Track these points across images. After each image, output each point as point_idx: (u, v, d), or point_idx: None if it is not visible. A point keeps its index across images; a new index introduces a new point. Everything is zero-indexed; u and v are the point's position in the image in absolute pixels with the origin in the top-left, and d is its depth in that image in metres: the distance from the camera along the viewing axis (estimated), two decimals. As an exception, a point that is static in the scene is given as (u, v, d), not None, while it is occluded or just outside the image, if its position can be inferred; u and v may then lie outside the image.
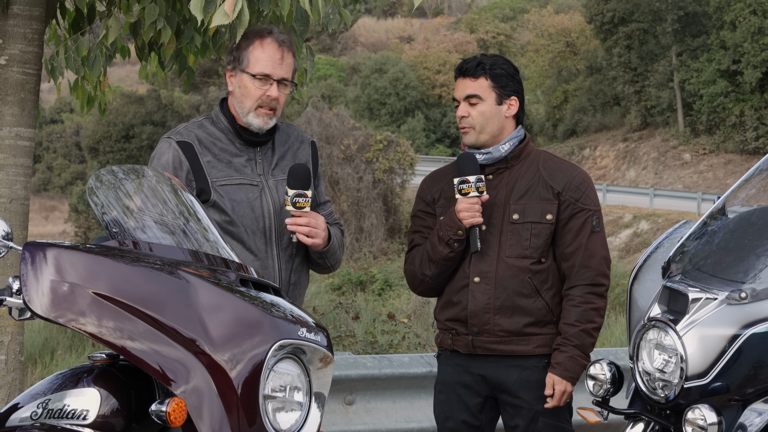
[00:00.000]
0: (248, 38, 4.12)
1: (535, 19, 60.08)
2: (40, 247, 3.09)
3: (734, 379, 3.76)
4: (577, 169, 4.40)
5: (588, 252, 4.28)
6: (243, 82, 4.10)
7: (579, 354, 4.24)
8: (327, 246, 4.16)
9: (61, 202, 51.75)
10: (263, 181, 4.14)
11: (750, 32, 40.45)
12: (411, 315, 17.07)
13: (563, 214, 4.30)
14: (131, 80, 53.67)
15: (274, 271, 4.11)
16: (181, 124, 4.24)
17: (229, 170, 4.10)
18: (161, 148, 4.11)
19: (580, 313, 4.25)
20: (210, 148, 4.11)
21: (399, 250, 32.98)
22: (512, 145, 4.35)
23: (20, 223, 5.35)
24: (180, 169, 4.05)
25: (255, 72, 4.07)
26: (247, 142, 4.15)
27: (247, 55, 4.09)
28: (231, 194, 4.08)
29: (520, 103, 4.38)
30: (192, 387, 3.04)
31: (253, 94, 4.08)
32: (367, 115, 54.13)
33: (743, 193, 4.27)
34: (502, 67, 4.35)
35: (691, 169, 43.09)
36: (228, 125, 4.15)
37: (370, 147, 33.17)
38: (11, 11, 5.30)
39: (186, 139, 4.10)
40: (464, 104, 4.35)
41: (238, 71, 4.11)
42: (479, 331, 4.31)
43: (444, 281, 4.39)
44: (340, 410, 6.30)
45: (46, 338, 15.32)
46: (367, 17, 73.49)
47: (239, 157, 4.14)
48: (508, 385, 4.33)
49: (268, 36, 4.10)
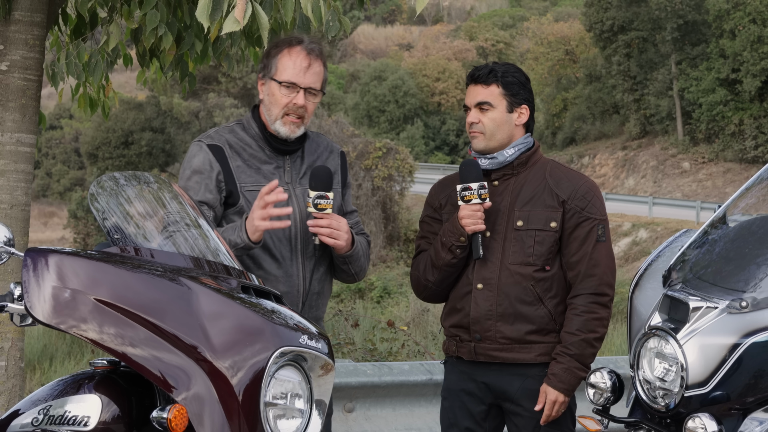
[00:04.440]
0: (278, 47, 4.15)
1: (535, 27, 60.14)
2: (41, 254, 3.09)
3: (735, 388, 3.76)
4: (584, 178, 4.39)
5: (592, 261, 4.27)
6: (271, 90, 4.12)
7: (576, 365, 4.22)
8: (351, 250, 4.15)
9: (60, 208, 51.72)
10: (291, 189, 4.14)
11: (749, 41, 40.50)
12: (410, 322, 17.05)
13: (568, 223, 4.29)
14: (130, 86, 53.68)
15: (299, 279, 4.11)
16: (212, 128, 4.27)
17: (257, 176, 4.12)
18: (192, 151, 4.15)
19: (582, 322, 4.25)
20: (240, 153, 4.13)
21: (398, 257, 32.96)
22: (518, 151, 4.35)
23: (21, 229, 5.35)
24: (211, 170, 4.08)
25: (282, 79, 4.10)
26: (276, 150, 4.16)
27: (276, 63, 4.11)
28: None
29: (530, 111, 4.39)
30: (193, 394, 3.04)
31: (280, 102, 4.10)
32: (366, 122, 54.15)
33: (744, 202, 4.27)
34: (514, 75, 4.35)
35: (690, 177, 43.10)
36: (258, 132, 4.17)
37: (369, 154, 33.16)
38: (12, 17, 5.31)
39: (217, 143, 4.13)
40: (475, 111, 4.35)
41: (267, 79, 4.14)
42: (481, 337, 4.31)
43: (447, 287, 4.40)
44: (340, 417, 6.30)
45: (45, 344, 15.31)
46: (366, 24, 73.55)
47: (268, 164, 4.15)
48: (511, 393, 4.33)
49: (297, 45, 4.13)
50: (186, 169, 4.11)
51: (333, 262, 4.22)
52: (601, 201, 4.36)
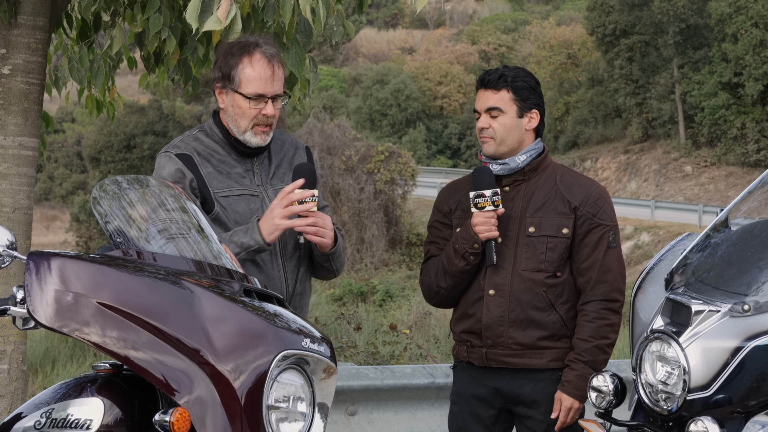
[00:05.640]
0: (234, 54, 3.99)
1: (537, 30, 60.16)
2: (44, 257, 3.09)
3: (737, 391, 3.76)
4: (595, 184, 4.39)
5: (604, 267, 4.28)
6: (236, 102, 4.00)
7: (590, 372, 4.22)
8: (334, 247, 4.08)
9: (62, 212, 51.74)
10: (263, 192, 4.08)
11: (751, 45, 40.50)
12: (413, 326, 17.06)
13: (580, 229, 4.29)
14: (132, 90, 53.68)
15: (281, 281, 4.06)
16: (175, 139, 4.14)
17: (229, 181, 4.04)
18: (161, 163, 4.03)
19: (595, 328, 4.26)
20: (209, 159, 4.04)
21: (400, 261, 32.97)
22: (529, 157, 4.35)
23: (23, 233, 5.35)
24: (183, 179, 3.98)
25: (248, 93, 3.97)
26: (243, 154, 4.08)
27: (238, 74, 3.97)
28: (233, 205, 4.02)
29: (540, 116, 4.38)
30: (195, 397, 3.04)
31: (249, 114, 3.99)
32: (369, 126, 54.18)
33: (746, 206, 4.27)
34: (524, 79, 4.34)
35: (692, 181, 43.09)
36: (222, 137, 4.07)
37: (372, 158, 33.16)
38: (15, 21, 5.31)
39: (185, 152, 4.02)
40: (485, 116, 4.33)
41: (229, 90, 4.01)
42: (493, 343, 4.31)
43: (459, 293, 4.39)
44: (342, 421, 6.30)
45: (48, 348, 15.31)
46: (368, 28, 73.58)
47: (237, 167, 4.07)
48: (522, 397, 4.33)
49: (255, 51, 3.98)
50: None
51: (311, 262, 4.16)
52: (612, 207, 4.36)
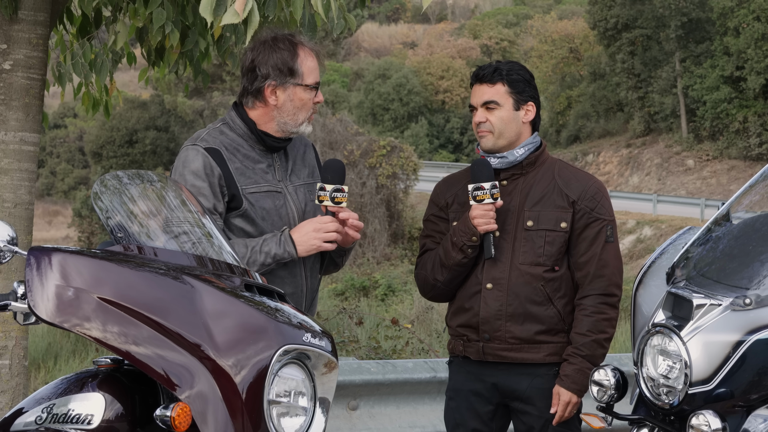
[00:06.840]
0: (285, 49, 4.03)
1: (539, 25, 60.09)
2: (45, 252, 3.09)
3: (738, 385, 3.76)
4: (593, 179, 4.39)
5: (602, 262, 4.28)
6: (297, 95, 4.03)
7: (588, 366, 4.22)
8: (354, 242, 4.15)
9: (64, 207, 51.75)
10: (284, 188, 4.08)
11: (754, 38, 40.45)
12: (414, 320, 17.04)
13: (578, 224, 4.29)
14: (134, 85, 53.70)
15: (302, 278, 4.08)
16: (201, 131, 4.09)
17: (255, 177, 4.02)
18: (188, 156, 3.96)
19: (592, 323, 4.26)
20: (235, 154, 4.01)
21: (402, 255, 32.96)
22: (527, 151, 4.35)
23: (24, 228, 5.35)
24: (212, 175, 3.93)
25: (310, 83, 4.04)
26: (269, 148, 4.07)
27: (299, 67, 4.02)
28: (260, 202, 4.01)
29: (536, 108, 4.38)
30: (196, 392, 3.05)
31: (308, 105, 4.05)
32: (371, 120, 54.15)
33: (747, 200, 4.26)
34: (519, 72, 4.34)
35: (694, 175, 43.07)
36: (247, 131, 4.05)
37: (374, 152, 33.13)
38: (16, 16, 5.30)
39: (213, 146, 3.99)
40: (482, 110, 4.33)
41: (290, 85, 4.03)
42: (490, 337, 4.30)
43: (455, 287, 4.38)
44: (344, 415, 6.30)
45: (50, 343, 15.31)
46: (370, 23, 73.54)
47: (261, 163, 4.06)
48: (519, 392, 4.32)
49: (302, 43, 4.06)
50: (183, 176, 3.94)
51: (322, 257, 4.18)
52: (609, 202, 4.37)
